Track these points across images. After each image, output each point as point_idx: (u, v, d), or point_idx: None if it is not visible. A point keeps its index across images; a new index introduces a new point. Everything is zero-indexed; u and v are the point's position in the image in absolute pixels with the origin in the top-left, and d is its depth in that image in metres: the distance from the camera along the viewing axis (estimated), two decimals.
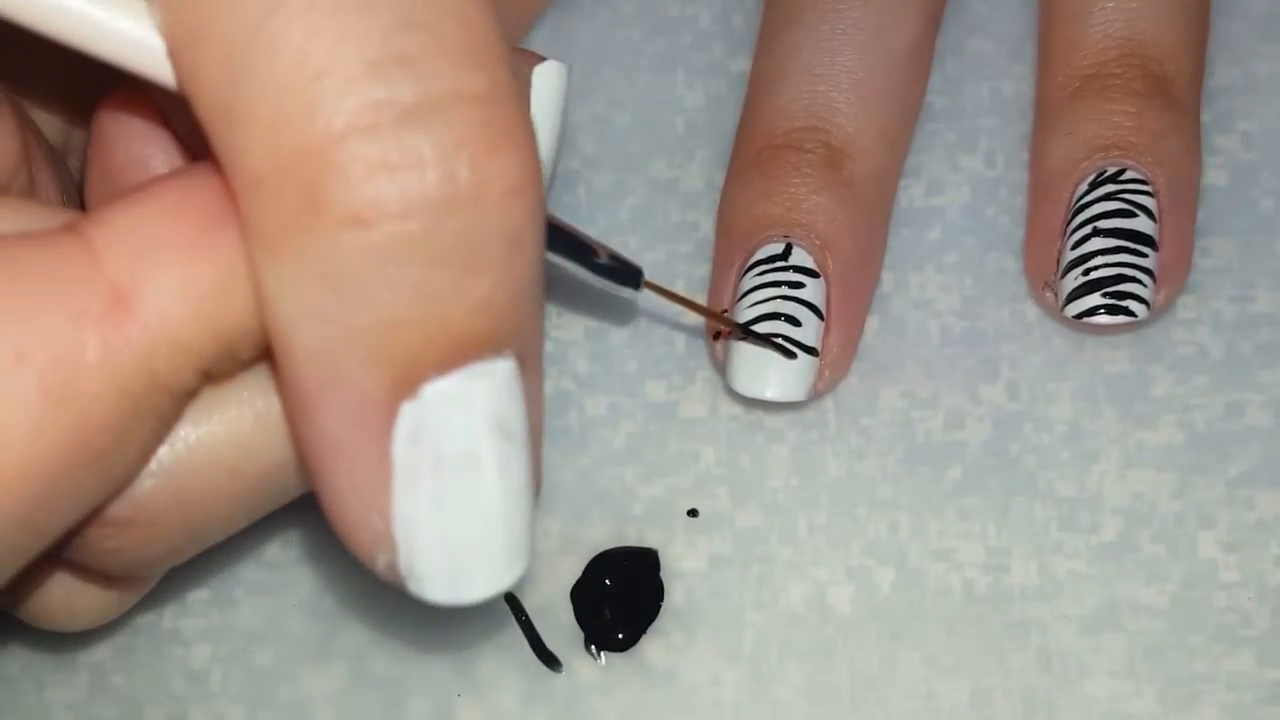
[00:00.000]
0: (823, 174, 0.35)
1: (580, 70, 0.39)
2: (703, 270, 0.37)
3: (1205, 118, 0.37)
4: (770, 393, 0.34)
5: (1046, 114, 0.36)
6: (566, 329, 0.36)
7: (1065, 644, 0.33)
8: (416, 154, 0.21)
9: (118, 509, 0.24)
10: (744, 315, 0.34)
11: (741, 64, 0.39)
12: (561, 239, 0.29)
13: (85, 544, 0.24)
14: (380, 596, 0.34)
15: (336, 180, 0.21)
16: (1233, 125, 0.38)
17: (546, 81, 0.31)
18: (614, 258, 0.31)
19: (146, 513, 0.24)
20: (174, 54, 0.22)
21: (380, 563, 0.24)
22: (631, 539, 0.34)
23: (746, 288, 0.34)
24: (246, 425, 0.24)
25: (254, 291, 0.22)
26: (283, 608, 0.34)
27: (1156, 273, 0.34)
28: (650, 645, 0.33)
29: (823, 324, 0.34)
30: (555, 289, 0.37)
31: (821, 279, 0.34)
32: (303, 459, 0.24)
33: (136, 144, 0.26)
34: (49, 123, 0.30)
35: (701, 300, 0.36)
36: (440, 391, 0.22)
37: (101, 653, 0.33)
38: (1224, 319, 0.36)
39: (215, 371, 0.23)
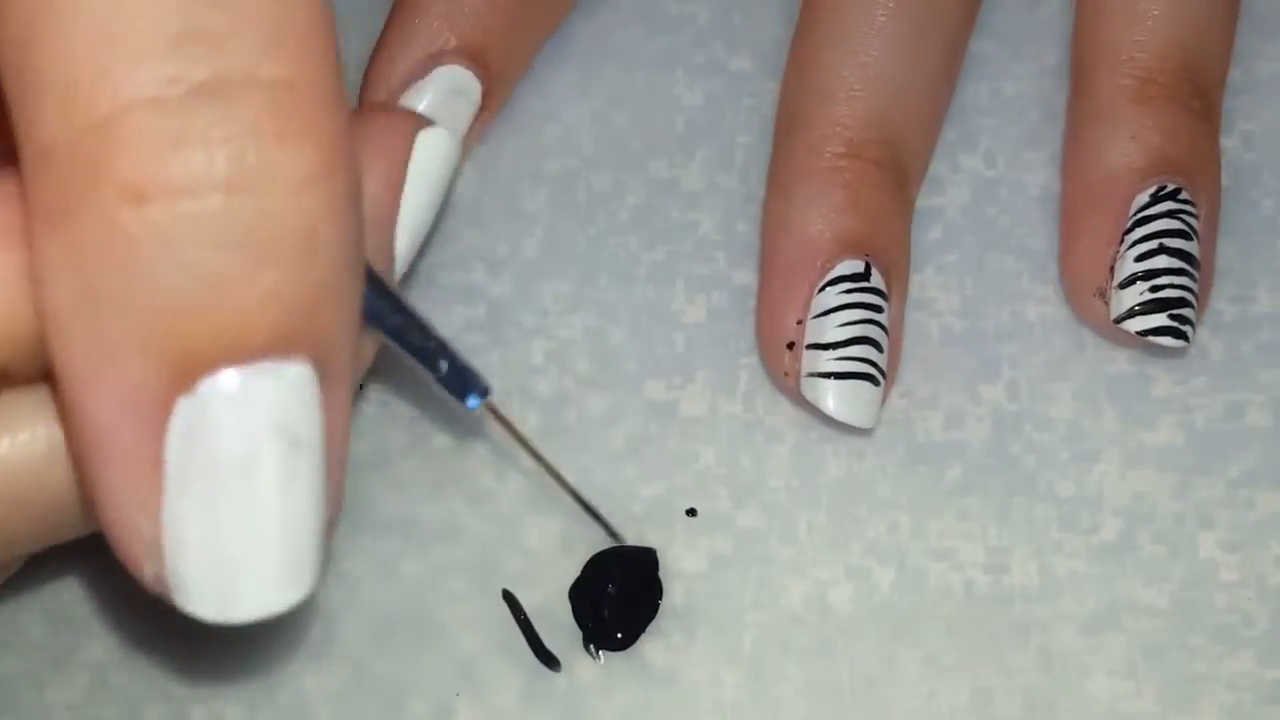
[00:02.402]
0: (896, 195, 0.35)
1: (580, 70, 0.39)
2: (702, 270, 0.37)
3: None
4: (849, 415, 0.34)
5: (1102, 110, 0.36)
6: (566, 329, 0.36)
7: (1065, 644, 0.33)
8: (203, 132, 0.20)
9: None
10: (829, 334, 0.34)
11: (741, 62, 0.39)
12: (410, 335, 0.28)
13: None
14: (381, 596, 0.34)
15: (119, 152, 0.20)
16: (1233, 125, 0.38)
17: (427, 149, 0.29)
18: (459, 369, 0.28)
19: None
20: None
21: (148, 571, 0.22)
22: (631, 539, 0.34)
23: (829, 305, 0.34)
24: (36, 451, 0.23)
25: (32, 277, 0.21)
26: None
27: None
28: (650, 645, 0.33)
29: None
30: (555, 288, 0.37)
31: (889, 302, 0.34)
32: (74, 459, 0.23)
33: None
34: None
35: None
36: (219, 388, 0.21)
37: (101, 653, 0.33)
38: (1224, 319, 0.36)
39: (11, 373, 0.23)
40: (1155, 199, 0.34)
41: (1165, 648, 0.33)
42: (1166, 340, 0.34)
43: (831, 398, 0.34)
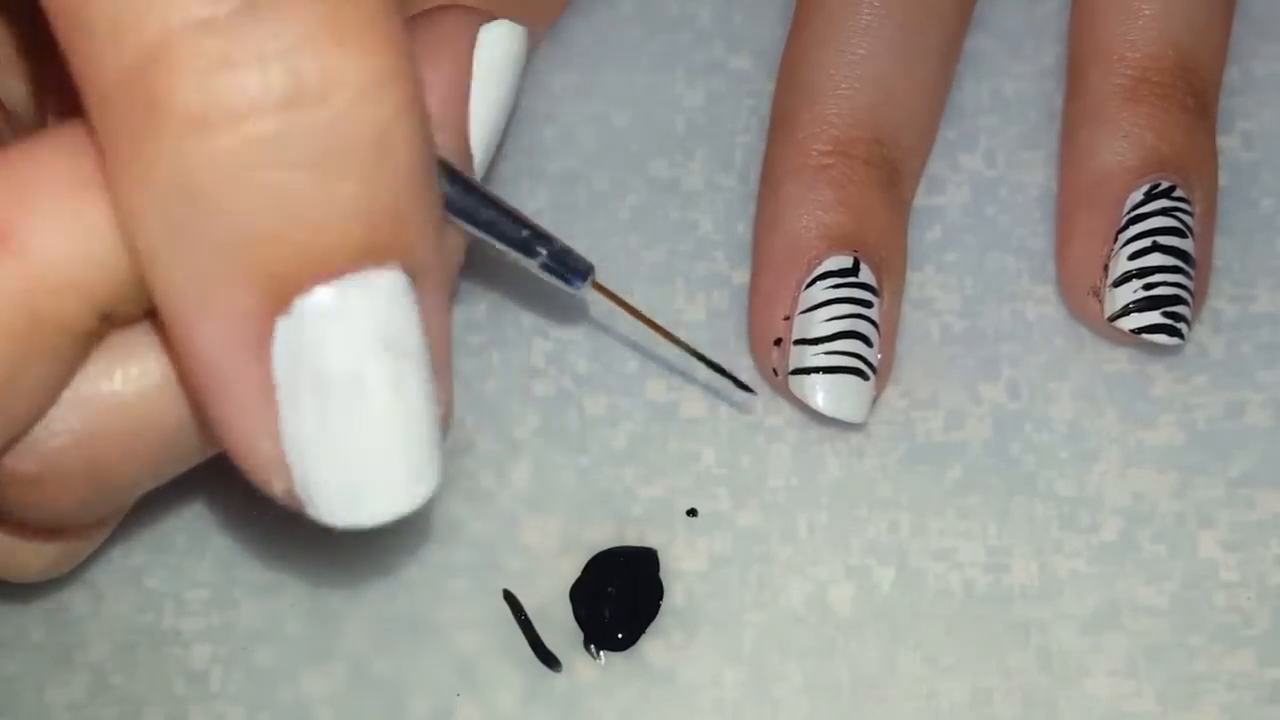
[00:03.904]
0: (887, 193, 0.35)
1: (580, 70, 0.39)
2: (702, 269, 0.37)
3: None
4: (837, 410, 0.34)
5: (1096, 109, 0.36)
6: (566, 329, 0.36)
7: (1065, 644, 0.33)
8: (257, 49, 0.20)
9: (25, 465, 0.24)
10: (816, 329, 0.34)
11: (741, 62, 0.39)
12: (503, 226, 0.28)
13: (2, 499, 0.24)
14: (380, 597, 0.34)
15: (175, 80, 0.20)
16: (1233, 125, 0.38)
17: (494, 43, 0.29)
18: (559, 252, 0.29)
19: (55, 470, 0.24)
20: None
21: (278, 488, 0.23)
22: (631, 539, 0.34)
23: (818, 300, 0.34)
24: (150, 384, 0.24)
25: (121, 221, 0.21)
26: (283, 608, 0.34)
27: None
28: (650, 645, 0.33)
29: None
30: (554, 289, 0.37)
31: (880, 297, 0.34)
32: (190, 392, 0.23)
33: None
34: (14, 89, 0.29)
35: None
36: (313, 306, 0.21)
37: (101, 653, 0.33)
38: (1224, 319, 0.36)
39: (116, 314, 0.23)
40: (1149, 197, 0.34)
41: (1165, 647, 0.33)
42: (1161, 338, 0.34)
43: (819, 392, 0.34)
